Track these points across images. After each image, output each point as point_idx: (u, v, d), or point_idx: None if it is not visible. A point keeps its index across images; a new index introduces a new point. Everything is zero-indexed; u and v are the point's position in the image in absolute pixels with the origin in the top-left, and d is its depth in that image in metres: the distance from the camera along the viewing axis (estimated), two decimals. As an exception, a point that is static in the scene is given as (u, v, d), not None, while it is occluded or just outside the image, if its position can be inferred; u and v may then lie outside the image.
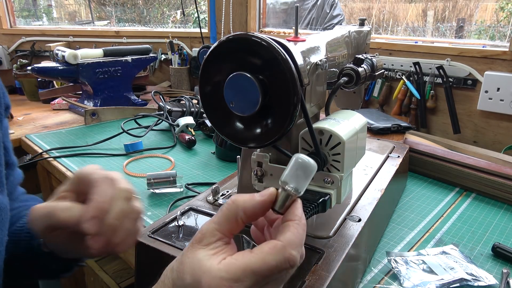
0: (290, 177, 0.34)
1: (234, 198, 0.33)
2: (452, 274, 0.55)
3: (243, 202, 0.33)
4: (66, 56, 1.33)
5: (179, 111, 1.26)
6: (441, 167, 0.89)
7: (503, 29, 1.35)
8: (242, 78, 0.43)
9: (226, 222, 0.33)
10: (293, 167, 0.34)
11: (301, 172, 0.34)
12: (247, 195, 0.33)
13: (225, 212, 0.33)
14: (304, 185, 0.34)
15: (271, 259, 0.30)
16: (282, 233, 0.32)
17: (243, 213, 0.33)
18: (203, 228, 0.33)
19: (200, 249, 0.32)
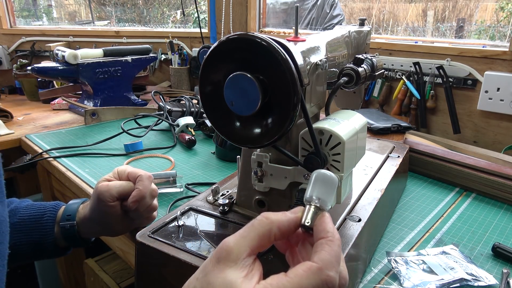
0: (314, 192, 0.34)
1: (267, 214, 0.32)
2: (452, 274, 0.55)
3: (277, 218, 0.32)
4: (66, 56, 1.33)
5: (179, 111, 1.26)
6: (441, 167, 0.89)
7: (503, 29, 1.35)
8: (242, 78, 0.43)
9: (258, 238, 0.31)
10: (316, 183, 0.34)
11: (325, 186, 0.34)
12: (278, 213, 0.33)
13: (258, 227, 0.32)
14: (330, 199, 0.34)
15: (307, 283, 0.29)
16: (316, 252, 0.30)
17: (277, 229, 0.32)
18: (230, 243, 0.31)
19: (230, 269, 0.30)
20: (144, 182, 0.60)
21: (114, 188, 0.59)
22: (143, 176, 0.60)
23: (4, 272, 0.44)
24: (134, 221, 0.63)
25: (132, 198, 0.58)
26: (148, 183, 0.60)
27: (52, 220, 0.64)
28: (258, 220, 0.32)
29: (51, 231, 0.63)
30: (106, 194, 0.58)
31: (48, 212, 0.64)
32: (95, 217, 0.61)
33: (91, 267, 1.16)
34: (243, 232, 0.32)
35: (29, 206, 0.65)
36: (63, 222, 0.63)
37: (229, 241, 0.31)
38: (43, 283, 1.45)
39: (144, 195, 0.59)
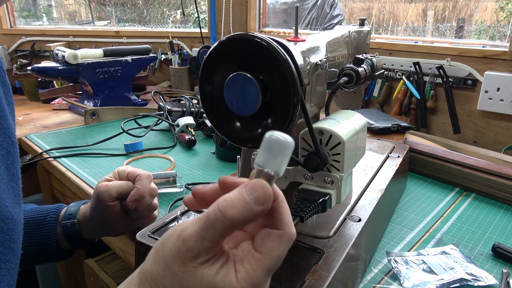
0: (266, 159, 0.30)
1: (224, 211, 0.29)
2: (452, 274, 0.55)
3: (238, 214, 0.29)
4: (66, 56, 1.33)
5: (179, 111, 1.26)
6: (441, 167, 0.89)
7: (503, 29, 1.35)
8: (242, 78, 0.43)
9: (220, 239, 0.30)
10: (268, 147, 0.29)
11: (278, 152, 0.29)
12: (234, 198, 0.30)
13: (220, 229, 0.29)
14: (283, 166, 0.30)
15: (281, 250, 0.30)
16: (276, 218, 0.31)
17: (240, 224, 0.30)
18: (194, 248, 0.29)
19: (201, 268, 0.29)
20: (143, 181, 0.60)
21: (113, 188, 0.59)
22: (142, 176, 0.60)
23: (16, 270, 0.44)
24: (135, 221, 0.63)
25: (131, 197, 0.59)
26: (147, 182, 0.60)
27: (55, 221, 0.64)
28: (218, 221, 0.29)
29: (53, 231, 0.63)
30: (105, 194, 0.58)
31: (50, 213, 0.65)
32: (95, 217, 0.61)
33: (91, 267, 1.16)
34: (205, 234, 0.29)
35: (33, 209, 0.66)
36: (64, 221, 0.63)
37: (191, 245, 0.29)
38: (43, 283, 1.45)
39: (143, 194, 0.59)
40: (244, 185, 0.30)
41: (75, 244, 0.65)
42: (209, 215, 0.29)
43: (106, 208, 0.59)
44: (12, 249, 0.43)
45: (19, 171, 0.48)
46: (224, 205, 0.29)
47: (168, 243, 0.30)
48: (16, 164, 0.47)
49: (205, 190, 0.34)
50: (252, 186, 0.29)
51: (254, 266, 0.30)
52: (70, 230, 0.63)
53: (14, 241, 0.44)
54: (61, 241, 0.64)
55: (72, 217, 0.63)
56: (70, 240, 0.64)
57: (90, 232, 0.64)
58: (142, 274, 0.31)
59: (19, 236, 0.45)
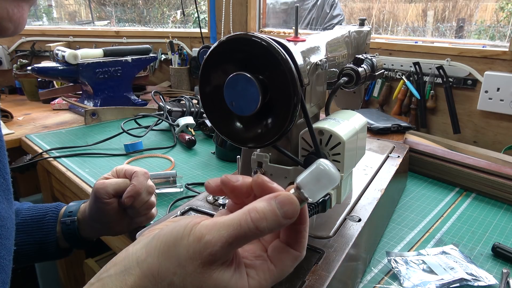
0: (308, 183, 0.31)
1: (258, 223, 0.29)
2: (452, 274, 0.55)
3: (268, 227, 0.30)
4: (66, 56, 1.33)
5: (179, 111, 1.26)
6: (441, 167, 0.89)
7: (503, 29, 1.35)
8: (242, 78, 0.43)
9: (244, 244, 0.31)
10: (315, 174, 0.31)
11: (323, 182, 0.31)
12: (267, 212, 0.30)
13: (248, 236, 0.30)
14: (320, 195, 0.32)
15: (291, 269, 0.33)
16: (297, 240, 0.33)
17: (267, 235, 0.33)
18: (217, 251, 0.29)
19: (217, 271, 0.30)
20: (139, 178, 0.60)
21: (109, 185, 0.59)
22: (138, 172, 0.61)
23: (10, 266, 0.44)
24: (134, 219, 0.63)
25: (127, 193, 0.59)
26: (144, 179, 0.60)
27: (54, 219, 0.64)
28: (251, 232, 0.29)
29: (53, 230, 0.63)
30: (102, 191, 0.59)
31: (50, 212, 0.65)
32: (93, 215, 0.62)
33: (91, 267, 1.16)
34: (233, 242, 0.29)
35: (31, 207, 0.66)
36: (64, 218, 0.63)
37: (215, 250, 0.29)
38: (43, 283, 1.45)
39: (139, 190, 0.59)
40: (274, 196, 0.31)
41: (74, 243, 0.65)
42: (242, 224, 0.29)
43: (104, 206, 0.59)
44: (4, 245, 0.43)
45: (6, 165, 0.48)
46: (257, 218, 0.30)
47: (183, 242, 0.30)
48: (2, 158, 0.47)
49: (237, 184, 0.35)
50: (283, 200, 0.31)
51: (267, 277, 0.32)
52: (70, 228, 0.63)
53: (6, 237, 0.43)
54: (60, 239, 0.64)
55: (72, 215, 0.64)
56: (69, 239, 0.64)
57: (89, 230, 0.64)
58: (146, 267, 0.30)
59: (10, 232, 0.45)
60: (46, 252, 0.63)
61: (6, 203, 0.46)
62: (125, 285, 0.30)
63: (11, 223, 0.46)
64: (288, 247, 0.33)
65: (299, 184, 0.32)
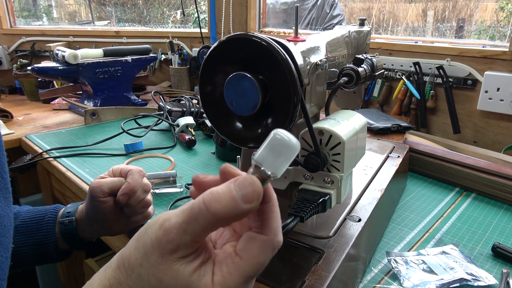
0: (266, 158, 0.28)
1: (209, 203, 0.27)
2: (452, 274, 0.55)
3: (223, 209, 0.27)
4: (66, 56, 1.33)
5: (179, 111, 1.26)
6: (441, 167, 0.89)
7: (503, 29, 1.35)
8: (242, 78, 0.43)
9: (203, 233, 0.28)
10: (271, 146, 0.28)
11: (281, 153, 0.27)
12: (220, 192, 0.27)
13: (202, 223, 0.27)
14: (283, 169, 0.28)
15: (263, 257, 0.29)
16: (264, 221, 0.29)
17: (225, 220, 0.28)
18: (174, 240, 0.27)
19: (177, 263, 0.28)
20: (133, 176, 0.59)
21: (105, 184, 0.59)
22: (133, 170, 0.60)
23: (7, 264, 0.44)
24: (131, 218, 0.63)
25: (121, 191, 0.58)
26: (139, 177, 0.60)
27: (53, 220, 0.64)
28: (202, 215, 0.27)
29: (52, 231, 0.63)
30: (97, 190, 0.58)
31: (49, 213, 0.65)
32: (90, 214, 0.61)
33: (91, 267, 1.16)
34: (187, 227, 0.27)
35: (30, 210, 0.66)
36: (62, 219, 0.63)
37: (171, 237, 0.27)
38: (43, 283, 1.45)
39: (134, 188, 0.59)
40: (234, 179, 0.28)
41: (73, 244, 0.65)
42: (193, 207, 0.27)
43: (99, 204, 0.59)
44: (1, 243, 0.43)
45: (5, 164, 0.48)
46: (210, 199, 0.27)
47: (149, 230, 0.29)
48: (1, 157, 0.47)
49: (205, 180, 0.32)
50: (241, 181, 0.27)
51: (232, 271, 0.28)
52: (68, 228, 0.63)
53: (3, 235, 0.43)
54: (59, 241, 0.64)
55: (70, 215, 0.64)
56: (68, 240, 0.64)
57: (87, 231, 0.64)
58: (121, 259, 0.30)
59: (7, 230, 0.45)
60: (46, 254, 0.63)
61: (3, 201, 0.46)
62: (104, 278, 0.30)
63: (9, 221, 0.46)
64: (253, 232, 0.29)
65: (256, 161, 0.28)
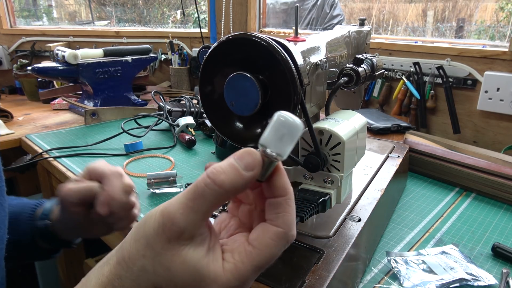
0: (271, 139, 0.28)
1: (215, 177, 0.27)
2: (452, 274, 0.55)
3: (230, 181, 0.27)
4: (66, 56, 1.33)
5: (179, 111, 1.26)
6: (441, 167, 0.89)
7: (503, 29, 1.35)
8: (242, 78, 0.43)
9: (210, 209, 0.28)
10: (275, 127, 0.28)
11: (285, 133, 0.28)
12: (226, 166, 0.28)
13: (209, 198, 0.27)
14: (288, 149, 0.28)
15: (276, 249, 0.28)
16: (279, 214, 0.29)
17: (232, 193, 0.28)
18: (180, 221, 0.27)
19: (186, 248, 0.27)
20: (111, 181, 0.50)
21: (73, 194, 0.50)
22: (108, 174, 0.50)
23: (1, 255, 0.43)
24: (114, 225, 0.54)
25: (99, 202, 0.49)
26: (117, 181, 0.50)
27: (28, 219, 0.59)
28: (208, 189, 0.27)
29: (27, 230, 0.58)
30: (66, 199, 0.51)
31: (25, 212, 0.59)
32: (65, 220, 0.56)
33: (91, 267, 1.15)
34: (193, 205, 0.27)
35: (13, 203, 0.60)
36: (39, 221, 0.58)
37: (177, 218, 0.27)
38: (43, 283, 1.45)
39: (114, 196, 0.50)
40: (233, 154, 0.28)
41: (55, 244, 0.60)
42: (198, 183, 0.27)
43: (71, 214, 0.52)
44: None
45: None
46: (214, 172, 0.27)
47: (150, 220, 0.28)
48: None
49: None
50: (240, 153, 0.28)
51: (244, 259, 0.28)
52: (44, 232, 0.58)
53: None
54: (39, 240, 0.59)
55: (45, 217, 0.58)
56: (47, 241, 0.59)
57: (65, 233, 0.58)
58: (120, 253, 0.29)
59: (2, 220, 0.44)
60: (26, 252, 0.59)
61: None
62: (101, 275, 0.29)
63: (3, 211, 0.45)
64: (268, 224, 0.29)
65: (262, 143, 0.28)
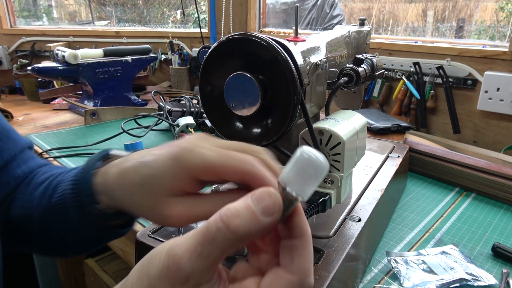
0: (293, 178, 0.25)
1: (229, 222, 0.24)
2: (452, 274, 0.55)
3: (245, 226, 0.24)
4: (66, 56, 1.33)
5: (179, 111, 1.26)
6: (441, 167, 0.89)
7: (503, 29, 1.35)
8: (242, 78, 0.43)
9: (221, 255, 0.24)
10: (298, 165, 0.25)
11: (309, 173, 0.25)
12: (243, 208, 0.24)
13: (221, 244, 0.24)
14: (311, 190, 0.25)
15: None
16: (294, 259, 0.25)
17: (246, 239, 0.25)
18: (186, 267, 0.24)
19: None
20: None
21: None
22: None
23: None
24: None
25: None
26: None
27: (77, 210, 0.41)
28: (220, 234, 0.24)
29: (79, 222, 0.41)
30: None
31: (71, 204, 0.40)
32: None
33: (91, 267, 1.16)
34: (202, 249, 0.24)
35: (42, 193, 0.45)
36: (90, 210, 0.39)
37: (183, 263, 0.24)
38: (43, 283, 1.45)
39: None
40: (251, 194, 0.25)
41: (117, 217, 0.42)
42: (209, 226, 0.24)
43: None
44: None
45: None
46: (228, 215, 0.24)
47: (155, 260, 0.25)
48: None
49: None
50: (259, 195, 0.25)
51: None
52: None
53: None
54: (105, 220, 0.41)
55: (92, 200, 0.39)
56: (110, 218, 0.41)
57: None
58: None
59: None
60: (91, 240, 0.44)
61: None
62: None
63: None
64: (281, 270, 0.26)
65: (282, 182, 0.25)
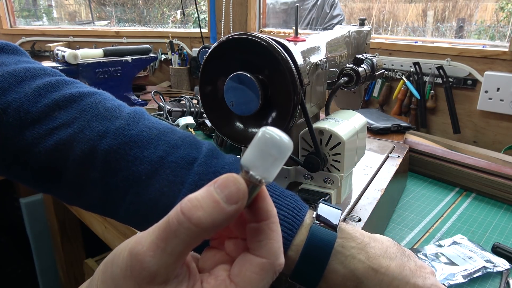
0: (255, 160, 0.23)
1: (190, 214, 0.22)
2: (472, 264, 0.56)
3: (207, 218, 0.22)
4: (66, 56, 1.33)
5: (179, 111, 1.26)
6: (441, 167, 0.89)
7: (503, 29, 1.35)
8: (242, 78, 0.43)
9: (186, 249, 0.23)
10: (260, 146, 0.23)
11: (272, 154, 0.23)
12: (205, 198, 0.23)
13: (184, 238, 0.23)
14: (275, 172, 0.24)
15: (262, 284, 0.24)
16: (262, 243, 0.25)
17: (211, 231, 0.23)
18: (151, 265, 0.22)
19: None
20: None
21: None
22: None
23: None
24: None
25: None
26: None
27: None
28: (183, 228, 0.22)
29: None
30: None
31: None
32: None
33: (91, 267, 1.16)
34: (165, 246, 0.22)
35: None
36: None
37: (147, 262, 0.22)
38: (43, 283, 1.45)
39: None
40: (213, 182, 0.23)
41: None
42: (170, 220, 0.22)
43: None
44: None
45: None
46: (189, 207, 0.22)
47: (118, 260, 0.24)
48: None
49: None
50: (222, 182, 0.23)
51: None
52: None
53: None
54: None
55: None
56: None
57: None
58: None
59: None
60: None
61: None
62: None
63: None
64: (250, 254, 0.25)
65: (244, 165, 0.23)
